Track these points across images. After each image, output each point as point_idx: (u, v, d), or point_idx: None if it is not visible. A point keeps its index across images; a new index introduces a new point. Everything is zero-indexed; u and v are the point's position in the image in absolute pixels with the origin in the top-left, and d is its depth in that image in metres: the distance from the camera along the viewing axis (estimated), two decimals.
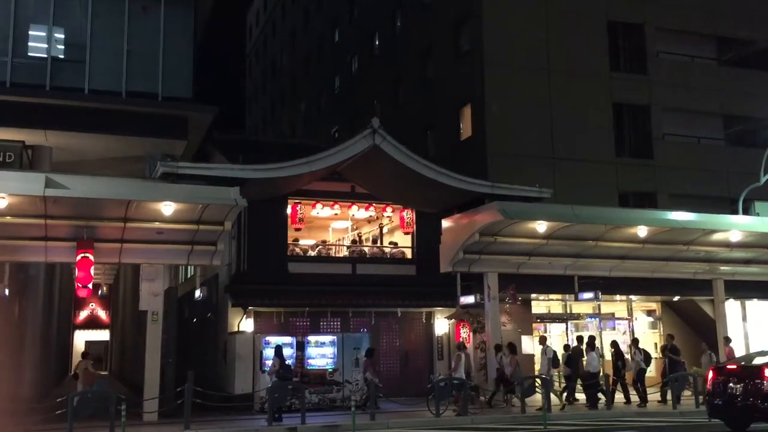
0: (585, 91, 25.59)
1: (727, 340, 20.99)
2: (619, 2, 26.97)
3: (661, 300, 24.29)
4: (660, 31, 27.49)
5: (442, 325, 21.99)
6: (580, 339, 20.24)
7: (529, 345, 21.92)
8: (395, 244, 23.65)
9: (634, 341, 20.04)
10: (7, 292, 16.17)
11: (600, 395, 18.12)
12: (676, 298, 23.91)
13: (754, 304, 24.68)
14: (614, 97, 26.26)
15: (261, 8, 57.34)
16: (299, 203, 21.45)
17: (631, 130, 27.00)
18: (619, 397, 18.84)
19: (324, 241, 24.06)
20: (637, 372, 18.98)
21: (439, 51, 27.86)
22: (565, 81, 25.30)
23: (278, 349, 17.26)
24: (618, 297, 23.55)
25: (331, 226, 25.09)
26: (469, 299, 20.36)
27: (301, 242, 22.70)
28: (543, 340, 19.51)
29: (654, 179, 26.22)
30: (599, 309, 23.71)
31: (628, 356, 19.95)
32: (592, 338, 19.48)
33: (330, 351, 19.09)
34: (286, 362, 17.36)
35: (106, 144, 19.95)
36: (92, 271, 15.97)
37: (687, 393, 19.07)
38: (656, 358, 23.36)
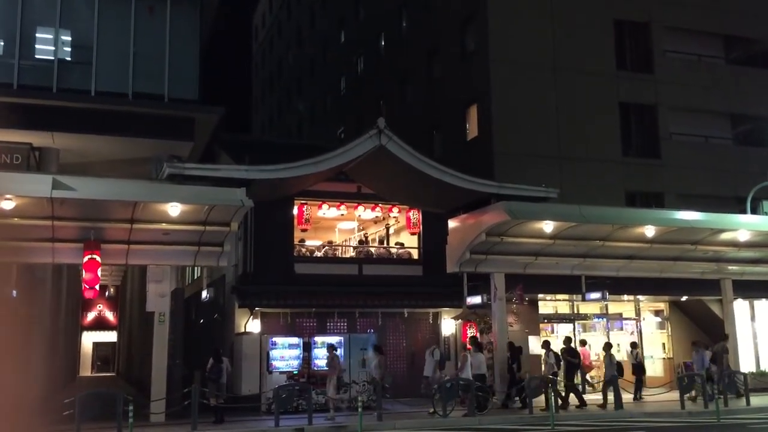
0: (591, 91, 25.52)
1: (583, 342, 21.00)
2: (625, 1, 26.89)
3: (668, 300, 24.19)
4: (666, 30, 27.39)
5: (448, 325, 21.95)
6: (725, 337, 20.78)
7: (536, 346, 21.86)
8: (402, 244, 23.62)
9: (546, 343, 19.11)
10: (14, 293, 16.20)
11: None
12: (684, 298, 23.80)
13: (762, 304, 24.56)
14: (621, 97, 26.18)
15: (267, 9, 57.43)
16: (305, 204, 21.43)
17: (638, 129, 26.91)
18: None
19: (330, 242, 24.05)
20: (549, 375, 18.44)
21: (445, 51, 27.83)
22: (572, 80, 25.24)
23: (214, 349, 17.19)
24: (625, 297, 23.47)
25: (338, 227, 25.08)
26: (475, 300, 20.32)
27: (308, 243, 22.69)
28: (432, 343, 18.88)
29: (661, 179, 26.13)
30: (607, 309, 23.63)
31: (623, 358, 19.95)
32: (474, 339, 18.87)
33: (337, 352, 19.04)
34: (221, 364, 16.67)
35: (112, 145, 19.98)
36: (99, 273, 16.00)
37: (693, 393, 19.02)
38: (664, 358, 23.33)
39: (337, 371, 17.43)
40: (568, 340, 19.85)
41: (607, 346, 19.53)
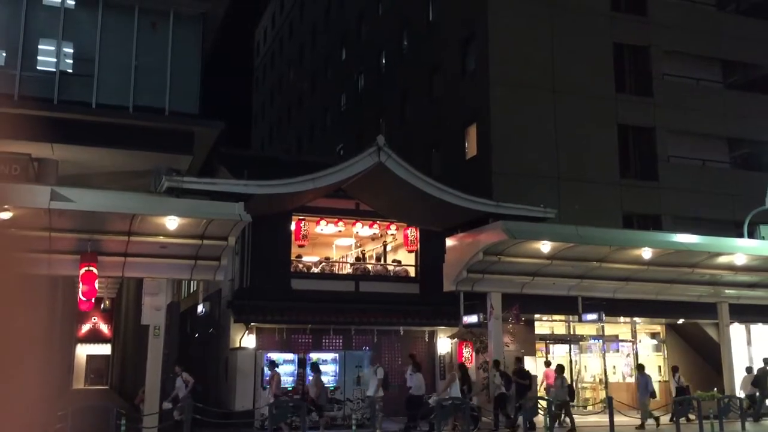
0: (590, 112, 25.63)
1: (548, 363, 20.74)
2: (624, 24, 27.09)
3: (665, 323, 24.15)
4: (665, 54, 27.55)
5: (444, 344, 21.89)
6: (766, 361, 20.83)
7: (532, 366, 21.77)
8: (399, 262, 23.60)
9: (495, 363, 18.76)
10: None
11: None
12: (680, 321, 23.77)
13: (758, 329, 24.51)
14: (619, 119, 26.28)
15: (269, 25, 57.75)
16: (303, 220, 21.45)
17: (636, 151, 26.99)
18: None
19: (327, 258, 24.03)
20: (496, 397, 18.23)
21: (446, 69, 27.97)
22: (571, 102, 25.35)
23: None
24: (622, 319, 23.44)
25: (335, 243, 25.08)
26: (472, 318, 20.28)
27: (305, 259, 22.69)
28: (375, 361, 18.73)
29: (659, 201, 26.17)
30: (603, 331, 23.57)
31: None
32: (413, 357, 18.65)
33: (331, 369, 18.99)
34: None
35: (112, 158, 20.00)
36: (96, 285, 15.95)
37: (691, 417, 18.94)
38: (660, 381, 23.21)
39: (276, 389, 16.87)
40: (518, 361, 19.20)
41: (560, 369, 18.86)
